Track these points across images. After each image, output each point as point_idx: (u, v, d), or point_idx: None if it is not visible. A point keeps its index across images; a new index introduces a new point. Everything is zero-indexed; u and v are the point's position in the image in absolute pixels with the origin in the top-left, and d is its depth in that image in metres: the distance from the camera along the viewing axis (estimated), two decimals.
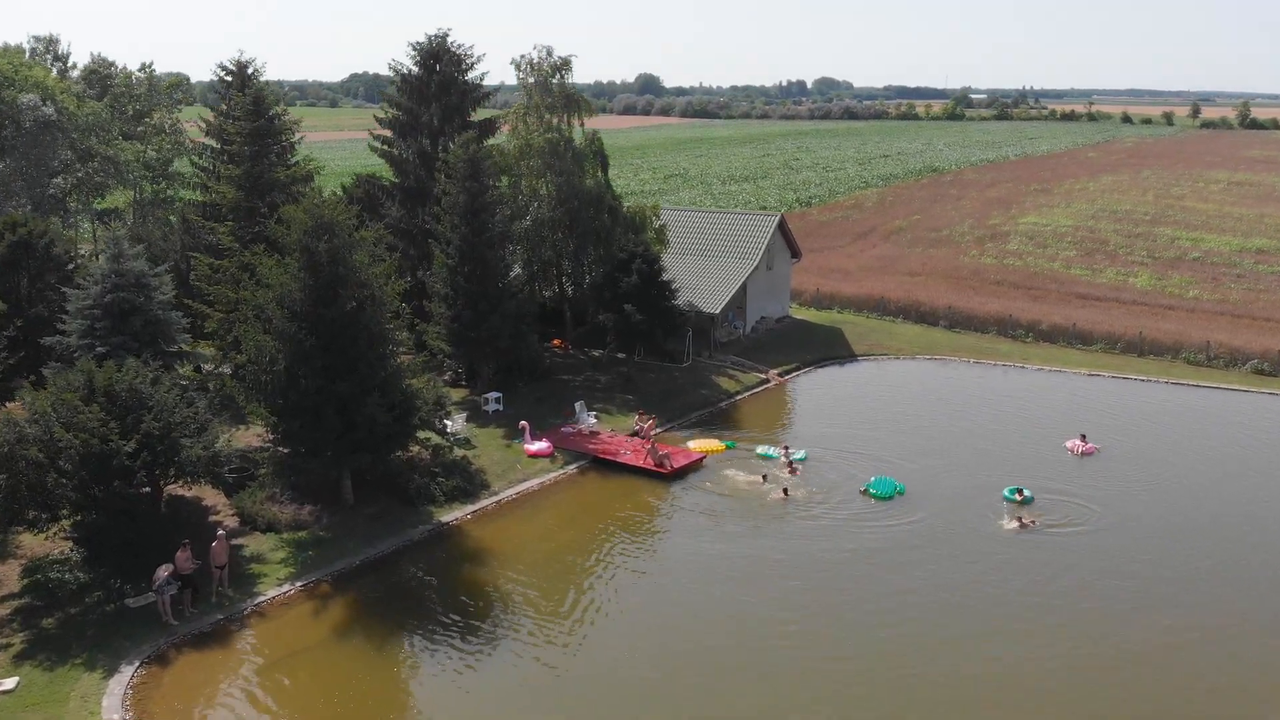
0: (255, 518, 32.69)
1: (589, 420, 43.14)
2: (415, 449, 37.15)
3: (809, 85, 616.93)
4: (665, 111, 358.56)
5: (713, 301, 52.93)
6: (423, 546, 33.00)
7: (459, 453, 38.96)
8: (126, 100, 68.01)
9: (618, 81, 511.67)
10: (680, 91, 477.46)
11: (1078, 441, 41.66)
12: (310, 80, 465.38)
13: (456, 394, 46.74)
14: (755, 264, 55.59)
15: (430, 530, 33.89)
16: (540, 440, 40.67)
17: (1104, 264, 76.98)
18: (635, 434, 43.09)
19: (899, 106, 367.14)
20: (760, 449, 40.91)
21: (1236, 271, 75.14)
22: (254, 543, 31.76)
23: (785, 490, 37.29)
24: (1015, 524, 34.60)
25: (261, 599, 28.93)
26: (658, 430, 43.59)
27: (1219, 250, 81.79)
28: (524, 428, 40.78)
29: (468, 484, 36.58)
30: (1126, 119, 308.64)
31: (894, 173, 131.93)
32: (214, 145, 52.63)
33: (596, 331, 49.04)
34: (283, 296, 31.92)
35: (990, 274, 72.19)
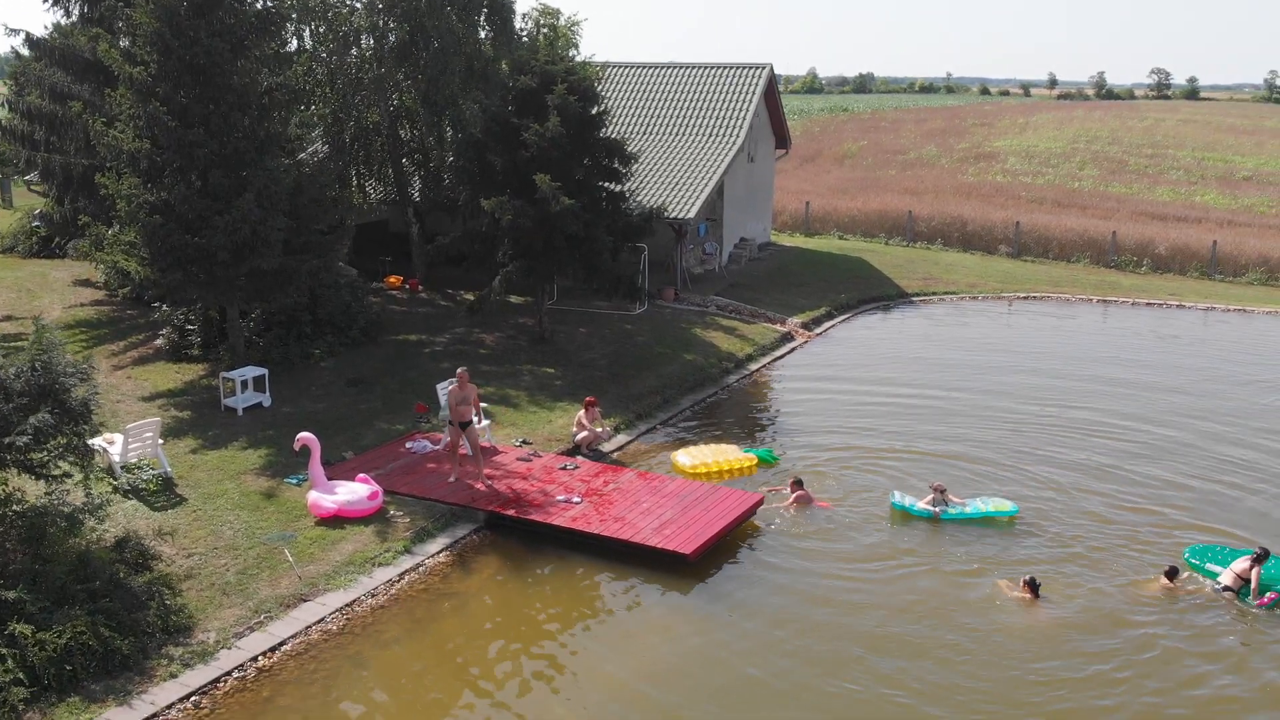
0: None
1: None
2: None
3: None
4: None
5: (680, 203, 29.31)
6: None
7: (122, 522, 14.45)
8: None
9: None
10: None
11: None
12: None
13: (176, 372, 21.88)
14: (737, 146, 32.21)
15: None
16: (349, 481, 16.38)
17: (1143, 183, 57.05)
18: (575, 449, 19.20)
19: None
20: (896, 496, 17.42)
21: None
22: None
23: (1029, 584, 14.36)
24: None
25: None
26: (611, 431, 19.93)
27: (1271, 172, 62.96)
28: (307, 446, 16.35)
29: (131, 629, 12.09)
30: (985, 90, 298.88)
31: (802, 108, 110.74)
32: None
33: (476, 246, 24.19)
34: None
35: (1017, 191, 50.86)
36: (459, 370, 17.13)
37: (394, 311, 27.05)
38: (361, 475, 16.41)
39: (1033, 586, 14.34)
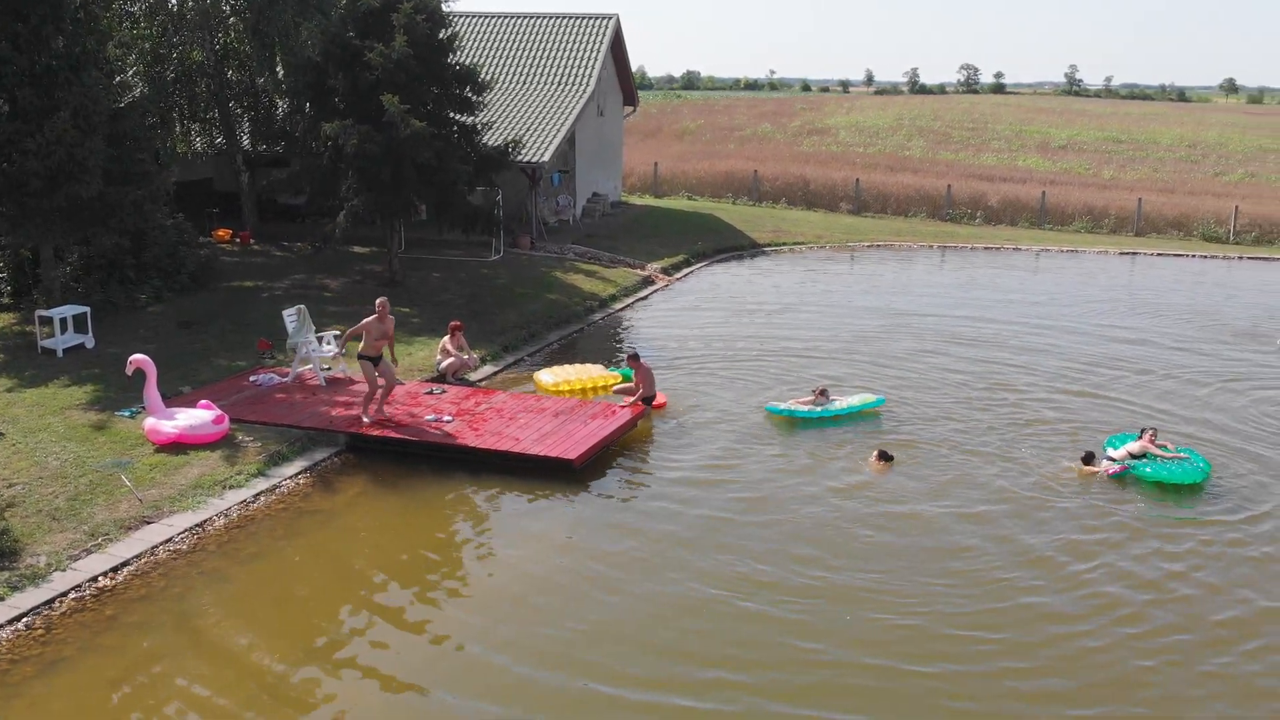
0: None
1: (319, 349, 17.63)
2: None
3: None
4: None
5: (533, 147, 28.33)
6: None
7: None
8: None
9: None
10: None
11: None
12: None
13: None
14: (587, 95, 31.49)
15: None
16: (191, 408, 14.86)
17: (968, 151, 59.27)
18: (440, 378, 18.06)
19: None
20: (773, 403, 17.00)
21: (1127, 157, 59.78)
22: None
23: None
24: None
25: None
26: (478, 359, 18.86)
27: (1084, 141, 66.44)
28: (141, 369, 14.74)
29: None
30: (806, 87, 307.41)
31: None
32: None
33: (316, 181, 22.54)
34: None
35: (852, 159, 51.90)
36: (379, 300, 15.51)
37: (225, 263, 25.13)
38: (204, 401, 14.92)
39: (885, 457, 14.73)
